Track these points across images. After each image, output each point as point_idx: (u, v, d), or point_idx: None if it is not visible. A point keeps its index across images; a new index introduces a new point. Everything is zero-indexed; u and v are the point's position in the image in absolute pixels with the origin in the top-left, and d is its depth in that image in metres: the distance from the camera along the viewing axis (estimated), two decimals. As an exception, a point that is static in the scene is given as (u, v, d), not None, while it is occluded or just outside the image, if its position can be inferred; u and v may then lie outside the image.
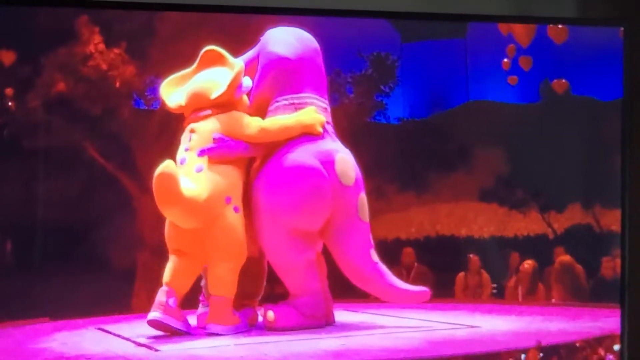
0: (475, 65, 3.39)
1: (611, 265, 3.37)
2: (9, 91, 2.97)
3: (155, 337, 2.95)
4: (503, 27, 3.36)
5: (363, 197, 3.13)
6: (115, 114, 3.09)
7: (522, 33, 3.37)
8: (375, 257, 3.14)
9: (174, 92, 3.03)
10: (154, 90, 3.10)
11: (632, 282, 3.33)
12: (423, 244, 3.38)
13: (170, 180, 2.81)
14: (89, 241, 3.04)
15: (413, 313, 3.34)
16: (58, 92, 2.99)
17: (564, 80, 3.41)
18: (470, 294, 3.38)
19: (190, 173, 2.93)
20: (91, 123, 3.04)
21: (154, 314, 2.89)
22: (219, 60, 3.03)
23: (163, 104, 3.03)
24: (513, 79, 3.40)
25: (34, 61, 2.97)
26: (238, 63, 3.03)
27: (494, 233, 3.41)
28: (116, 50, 3.04)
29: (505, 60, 3.38)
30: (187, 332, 2.95)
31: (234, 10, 3.10)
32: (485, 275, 3.38)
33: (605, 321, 3.29)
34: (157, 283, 2.98)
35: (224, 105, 3.01)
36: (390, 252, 3.31)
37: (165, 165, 2.80)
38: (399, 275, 3.22)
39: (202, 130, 2.99)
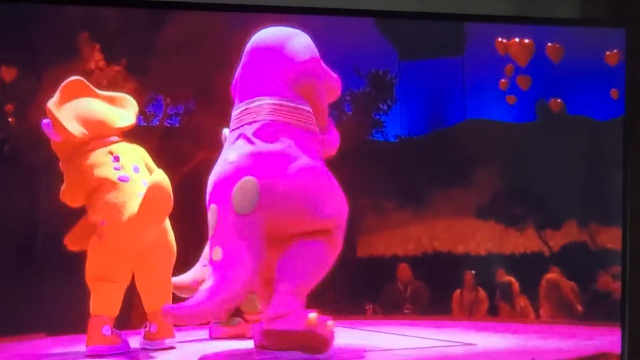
0: (473, 84, 3.41)
1: (608, 283, 3.38)
2: (9, 107, 3.00)
3: (153, 350, 2.97)
4: (500, 47, 3.38)
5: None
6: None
7: (519, 52, 3.39)
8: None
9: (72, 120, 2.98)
10: (154, 106, 3.12)
11: (632, 300, 3.32)
12: (420, 261, 3.40)
13: (169, 190, 2.83)
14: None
15: (409, 330, 3.35)
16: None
17: (559, 100, 3.42)
18: (467, 311, 3.39)
19: (140, 187, 2.93)
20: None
21: (92, 347, 2.92)
22: (86, 92, 2.98)
23: (61, 132, 2.92)
24: (511, 98, 3.42)
25: (35, 77, 3.00)
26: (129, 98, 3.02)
27: (490, 250, 3.42)
28: (116, 67, 3.07)
29: (503, 80, 3.40)
30: (128, 351, 2.97)
31: (234, 9, 3.04)
32: (482, 292, 3.39)
33: (601, 339, 3.29)
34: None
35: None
36: (387, 268, 3.32)
37: (164, 177, 2.82)
38: (396, 291, 3.21)
39: (123, 151, 2.99)
